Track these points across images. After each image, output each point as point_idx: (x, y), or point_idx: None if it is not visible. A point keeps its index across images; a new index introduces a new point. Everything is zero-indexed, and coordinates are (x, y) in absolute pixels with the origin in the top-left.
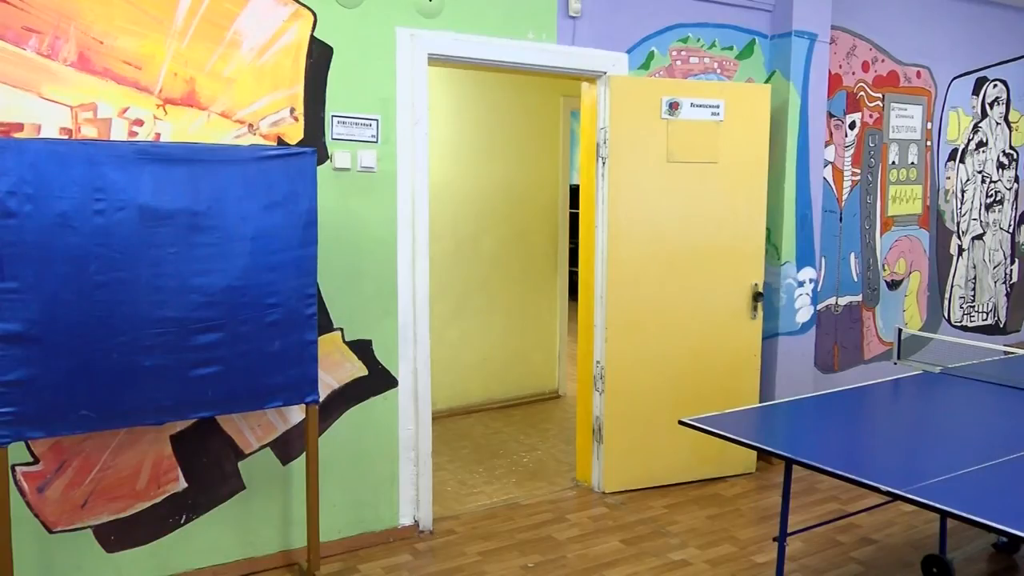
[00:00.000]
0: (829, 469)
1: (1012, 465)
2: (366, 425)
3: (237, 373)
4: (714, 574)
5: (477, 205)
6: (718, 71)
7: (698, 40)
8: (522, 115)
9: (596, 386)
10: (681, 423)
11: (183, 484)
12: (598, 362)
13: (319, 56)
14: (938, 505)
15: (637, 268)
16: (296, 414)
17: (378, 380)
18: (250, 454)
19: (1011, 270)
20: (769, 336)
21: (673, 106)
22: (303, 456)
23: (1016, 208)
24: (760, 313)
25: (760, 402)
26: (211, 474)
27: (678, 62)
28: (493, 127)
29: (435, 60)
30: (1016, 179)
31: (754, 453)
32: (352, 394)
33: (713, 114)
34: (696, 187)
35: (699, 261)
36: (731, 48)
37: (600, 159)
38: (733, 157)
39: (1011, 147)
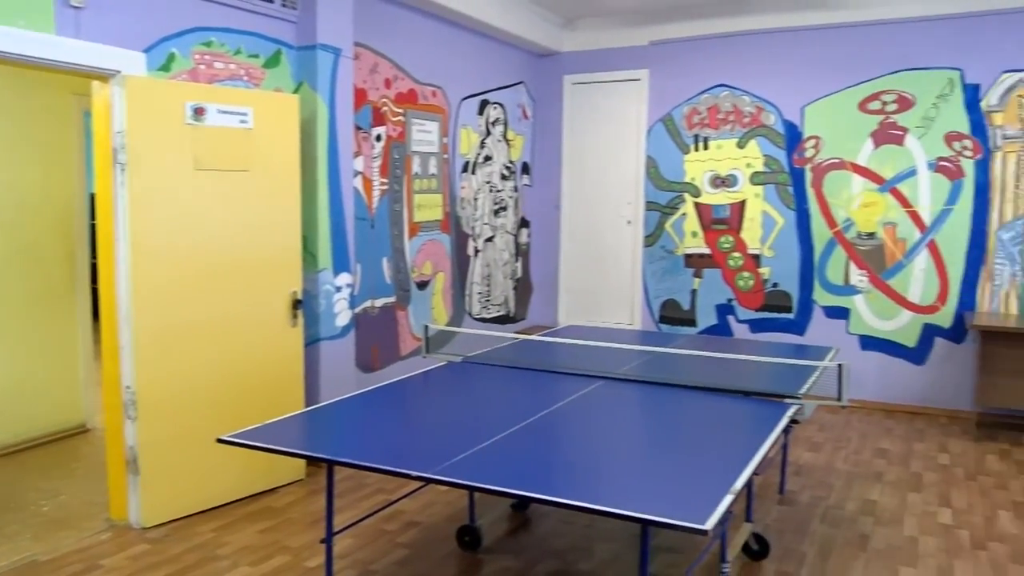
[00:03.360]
0: (364, 464)
1: (517, 436)
2: None
3: None
4: None
5: None
6: (246, 78)
7: (223, 45)
8: (24, 114)
9: (128, 413)
10: (220, 441)
11: None
12: (128, 387)
13: None
14: (459, 481)
15: (167, 283)
16: None
17: None
18: None
19: (516, 267)
20: (312, 342)
21: (198, 111)
22: None
23: (517, 213)
24: (301, 320)
25: (307, 407)
26: None
27: (202, 66)
28: None
29: None
30: (516, 188)
31: (302, 460)
32: None
33: (242, 122)
34: (229, 196)
35: (236, 272)
36: (257, 56)
37: (118, 165)
38: (266, 166)
39: (510, 161)
